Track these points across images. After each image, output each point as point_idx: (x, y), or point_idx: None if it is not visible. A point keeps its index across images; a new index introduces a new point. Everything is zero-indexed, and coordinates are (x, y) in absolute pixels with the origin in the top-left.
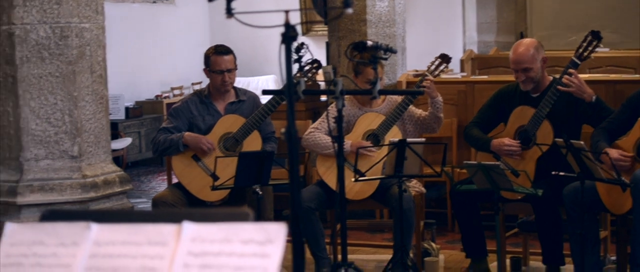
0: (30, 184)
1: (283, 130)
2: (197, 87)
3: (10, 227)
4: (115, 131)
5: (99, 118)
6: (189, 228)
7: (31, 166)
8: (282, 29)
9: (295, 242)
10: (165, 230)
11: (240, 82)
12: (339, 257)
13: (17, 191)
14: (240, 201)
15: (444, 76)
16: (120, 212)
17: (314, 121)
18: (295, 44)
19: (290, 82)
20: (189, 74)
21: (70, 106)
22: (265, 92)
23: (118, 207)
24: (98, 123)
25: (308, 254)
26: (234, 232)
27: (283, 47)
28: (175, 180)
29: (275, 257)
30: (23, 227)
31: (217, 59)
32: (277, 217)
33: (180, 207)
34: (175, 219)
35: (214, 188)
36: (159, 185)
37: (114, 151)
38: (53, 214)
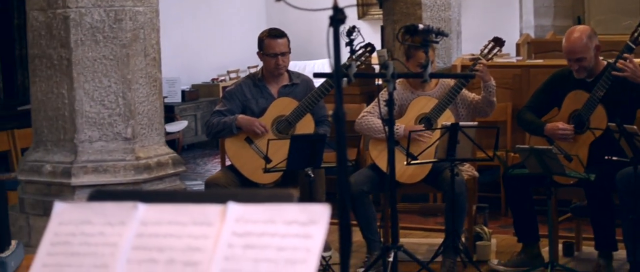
0: (84, 166)
1: (331, 112)
2: (253, 70)
3: (59, 206)
4: (171, 114)
5: (153, 101)
6: (234, 209)
7: (85, 148)
8: (331, 12)
9: (342, 225)
10: (210, 210)
11: (296, 65)
12: (391, 240)
13: (71, 172)
14: (293, 184)
15: (499, 60)
16: (167, 192)
17: (368, 105)
18: (346, 27)
19: (338, 64)
20: (245, 58)
21: (124, 89)
22: (316, 75)
23: (170, 189)
24: (151, 106)
25: (360, 237)
26: (277, 213)
27: (331, 29)
28: (228, 162)
29: (318, 238)
30: (71, 207)
31: (271, 42)
32: (329, 201)
33: (232, 189)
34: (221, 199)
35: (266, 170)
36: (214, 167)
37: (169, 133)
38: (101, 193)
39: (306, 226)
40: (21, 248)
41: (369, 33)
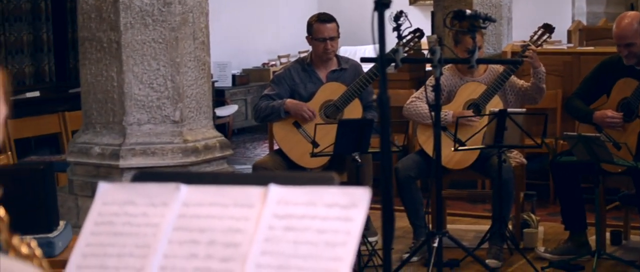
0: (132, 148)
1: (375, 96)
2: (303, 55)
3: (103, 187)
4: (222, 98)
5: (201, 84)
6: (275, 191)
7: (134, 130)
8: None
9: (385, 210)
10: (251, 192)
11: (347, 51)
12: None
13: (120, 155)
14: (340, 169)
15: (549, 47)
16: (209, 174)
17: (417, 91)
18: (393, 13)
19: (382, 49)
20: (296, 42)
21: (172, 72)
22: (363, 59)
23: (213, 171)
24: (200, 89)
25: (407, 223)
26: (318, 196)
27: (376, 14)
28: (276, 146)
29: (359, 221)
30: (115, 188)
31: (320, 27)
32: (377, 186)
33: (275, 171)
34: (262, 181)
35: (313, 155)
36: (264, 152)
37: (220, 117)
38: (144, 175)
39: (347, 208)
40: (69, 229)
41: (420, 19)
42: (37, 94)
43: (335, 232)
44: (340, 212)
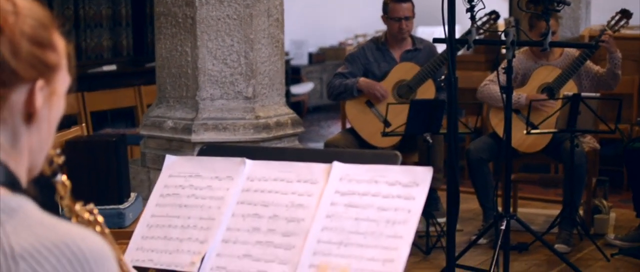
0: (204, 123)
1: (443, 77)
2: (379, 34)
3: (170, 159)
4: (298, 76)
5: (274, 61)
6: (338, 168)
7: (206, 105)
8: None
9: (450, 191)
10: (315, 168)
11: (424, 31)
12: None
13: (192, 129)
14: (411, 149)
15: (627, 32)
16: (274, 149)
17: (492, 73)
18: None
19: (452, 30)
20: (373, 21)
21: (246, 48)
22: (435, 40)
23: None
24: (273, 66)
25: (477, 204)
26: (381, 174)
27: None
28: (348, 125)
29: (420, 199)
30: (182, 160)
31: (395, 7)
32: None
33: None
34: (326, 158)
35: (384, 134)
36: (337, 130)
37: (295, 95)
38: (210, 148)
39: (408, 187)
40: (140, 201)
41: (498, 1)
42: (114, 67)
43: (396, 210)
44: (401, 191)
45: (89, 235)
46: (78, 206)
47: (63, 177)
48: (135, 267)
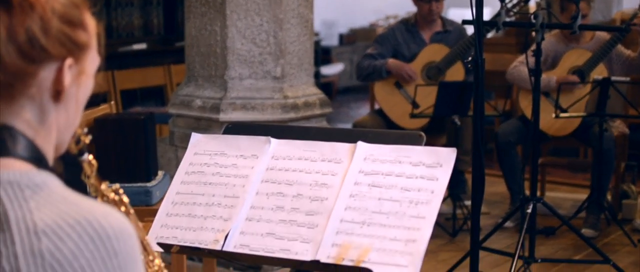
0: (233, 102)
1: (470, 58)
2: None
3: (196, 137)
4: (328, 57)
5: (303, 41)
6: (363, 147)
7: (235, 85)
8: None
9: (475, 173)
10: (340, 148)
11: (455, 13)
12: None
13: (221, 108)
14: (440, 131)
15: None
16: (299, 128)
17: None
18: None
19: (479, 12)
20: (404, 2)
21: (275, 28)
22: (464, 22)
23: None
24: (302, 46)
25: (505, 187)
26: (405, 154)
27: None
28: (377, 106)
29: (443, 180)
30: (207, 138)
31: None
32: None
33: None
34: (351, 138)
35: (412, 115)
36: (367, 112)
37: (324, 76)
38: (236, 127)
39: (432, 168)
40: (167, 179)
41: None
42: (144, 46)
43: (419, 190)
44: (425, 171)
45: (112, 212)
46: (104, 186)
47: (90, 157)
48: (160, 244)
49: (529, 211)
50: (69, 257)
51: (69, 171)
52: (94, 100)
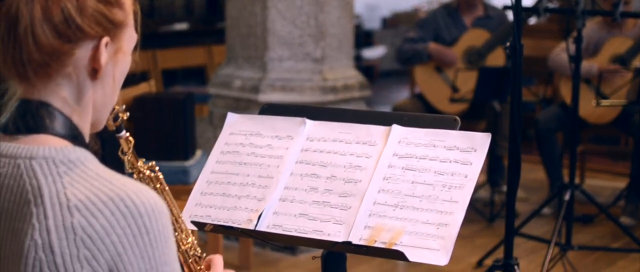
0: (272, 83)
1: (508, 44)
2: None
3: (232, 117)
4: (370, 39)
5: (344, 24)
6: (397, 131)
7: (275, 66)
8: None
9: (512, 160)
10: (374, 131)
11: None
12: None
13: (260, 89)
14: (479, 116)
15: None
16: (334, 110)
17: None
18: None
19: None
20: None
21: (316, 10)
22: (506, 7)
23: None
24: (342, 28)
25: (545, 174)
26: (439, 138)
27: None
28: (418, 90)
29: (477, 165)
30: (243, 119)
31: None
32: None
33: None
34: (386, 121)
35: (452, 100)
36: (407, 95)
37: (366, 59)
38: (272, 107)
39: (466, 152)
40: (205, 158)
41: None
42: (184, 26)
43: (452, 174)
44: (459, 156)
45: (145, 190)
46: (140, 163)
47: (127, 133)
48: (193, 223)
49: (567, 198)
50: (101, 232)
51: (107, 147)
52: (134, 79)
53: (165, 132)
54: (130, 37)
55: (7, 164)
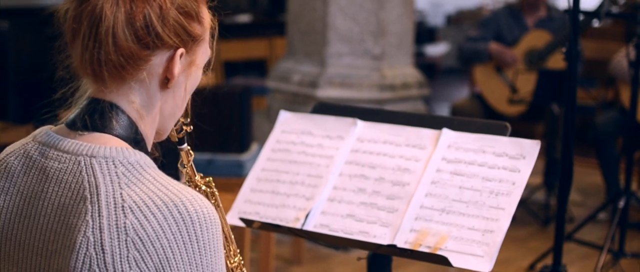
0: (330, 79)
1: (563, 49)
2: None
3: (284, 115)
4: (433, 36)
5: (404, 21)
6: (447, 135)
7: (333, 62)
8: None
9: (564, 165)
10: (425, 134)
11: (561, 1)
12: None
13: (318, 84)
14: (538, 118)
15: None
16: (385, 112)
17: None
18: None
19: (576, 1)
20: None
21: (376, 7)
22: (566, 11)
23: (412, 110)
24: (402, 26)
25: (600, 179)
26: (489, 144)
27: None
28: (477, 90)
29: (525, 172)
30: (295, 117)
31: None
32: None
33: (476, 117)
34: (436, 124)
35: (511, 101)
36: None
37: (429, 56)
38: (324, 107)
39: (515, 159)
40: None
41: None
42: (247, 18)
43: (500, 181)
44: (508, 162)
45: (200, 199)
46: (198, 177)
47: (188, 146)
48: (242, 219)
49: (621, 205)
50: (152, 235)
51: (167, 156)
52: None
53: (221, 125)
54: (204, 52)
55: (68, 160)
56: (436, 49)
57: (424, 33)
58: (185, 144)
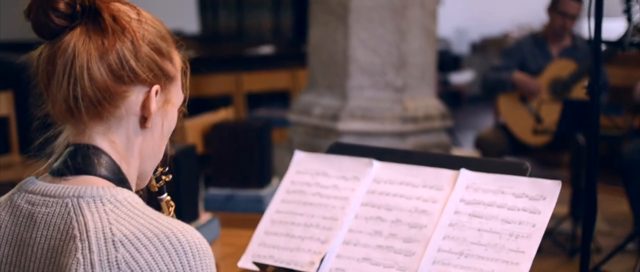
0: (352, 112)
1: (586, 83)
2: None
3: (299, 155)
4: (458, 64)
5: (426, 53)
6: (466, 175)
7: (355, 94)
8: None
9: (588, 197)
10: (442, 175)
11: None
12: None
13: (339, 117)
14: (563, 147)
15: None
16: (403, 152)
17: None
18: None
19: (598, 31)
20: (538, 11)
21: (398, 39)
22: (589, 42)
23: (435, 142)
24: (424, 58)
25: (628, 208)
26: (508, 185)
27: None
28: (502, 120)
29: (546, 214)
30: (310, 157)
31: (567, 3)
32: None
33: (501, 148)
34: (454, 164)
35: (535, 131)
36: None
37: (453, 84)
38: (339, 147)
39: (535, 201)
40: None
41: None
42: (269, 50)
43: (520, 223)
44: (527, 204)
45: (190, 230)
46: None
47: (168, 197)
48: (255, 263)
49: None
50: (144, 267)
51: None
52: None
53: (241, 160)
54: (178, 91)
55: (55, 204)
56: (461, 77)
57: (449, 61)
58: (165, 194)
